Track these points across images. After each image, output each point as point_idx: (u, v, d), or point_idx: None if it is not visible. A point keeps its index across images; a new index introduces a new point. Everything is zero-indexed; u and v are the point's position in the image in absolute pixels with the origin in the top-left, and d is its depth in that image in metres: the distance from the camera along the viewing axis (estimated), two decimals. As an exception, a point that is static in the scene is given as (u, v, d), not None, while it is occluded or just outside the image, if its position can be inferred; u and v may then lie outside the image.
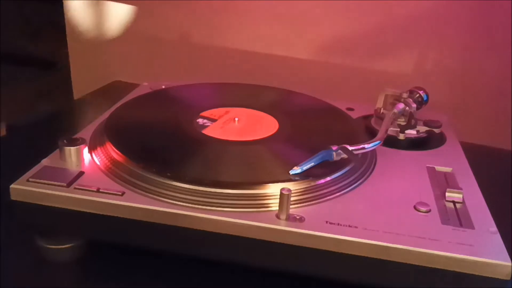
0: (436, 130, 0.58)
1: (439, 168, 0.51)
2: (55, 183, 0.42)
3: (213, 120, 0.55)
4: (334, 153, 0.45)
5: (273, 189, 0.42)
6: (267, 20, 0.85)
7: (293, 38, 0.85)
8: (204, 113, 0.56)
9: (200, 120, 0.54)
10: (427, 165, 0.51)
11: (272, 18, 0.85)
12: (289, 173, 0.44)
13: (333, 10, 0.82)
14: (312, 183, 0.44)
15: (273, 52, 0.87)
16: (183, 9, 0.88)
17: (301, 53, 0.86)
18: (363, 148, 0.47)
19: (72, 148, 0.46)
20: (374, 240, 0.38)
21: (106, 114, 0.56)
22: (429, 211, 0.43)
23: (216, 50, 0.89)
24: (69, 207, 0.42)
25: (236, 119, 0.55)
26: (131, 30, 0.92)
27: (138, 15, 0.91)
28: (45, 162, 0.46)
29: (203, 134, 0.52)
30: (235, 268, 0.43)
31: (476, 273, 0.38)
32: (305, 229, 0.39)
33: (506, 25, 0.76)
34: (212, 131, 0.52)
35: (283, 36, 0.86)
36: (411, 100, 0.57)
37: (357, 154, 0.47)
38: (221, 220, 0.40)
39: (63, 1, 0.93)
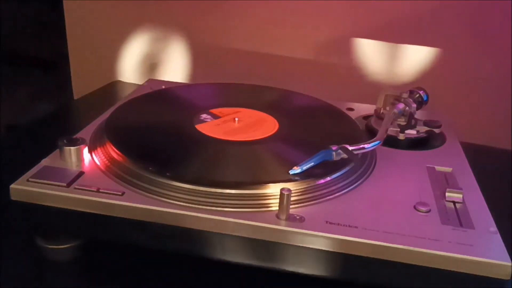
0: (436, 130, 0.58)
1: (439, 168, 0.51)
2: (55, 183, 0.42)
3: (216, 117, 0.55)
4: (334, 153, 0.45)
5: (273, 189, 0.42)
6: (267, 20, 0.85)
7: (293, 38, 0.85)
8: (213, 110, 0.56)
9: (203, 116, 0.54)
10: (427, 165, 0.51)
11: (272, 18, 0.85)
12: (289, 173, 0.44)
13: (333, 10, 0.82)
14: (312, 183, 0.44)
15: (273, 52, 0.87)
16: (183, 9, 0.88)
17: (301, 53, 0.86)
18: (363, 148, 0.47)
19: (72, 148, 0.46)
20: (374, 240, 0.38)
21: (106, 114, 0.56)
22: (429, 211, 0.43)
23: (216, 50, 0.89)
24: (69, 207, 0.42)
25: (236, 119, 0.55)
26: (131, 30, 0.92)
27: (138, 15, 0.91)
28: (45, 162, 0.46)
29: (203, 134, 0.52)
30: (235, 268, 0.43)
31: (476, 273, 0.38)
32: (305, 229, 0.39)
33: (506, 25, 0.76)
34: (212, 131, 0.52)
35: (283, 36, 0.86)
36: (411, 100, 0.57)
37: (357, 154, 0.47)
38: (221, 220, 0.40)
39: (63, 1, 0.93)
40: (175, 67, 0.92)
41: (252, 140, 0.51)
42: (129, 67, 0.94)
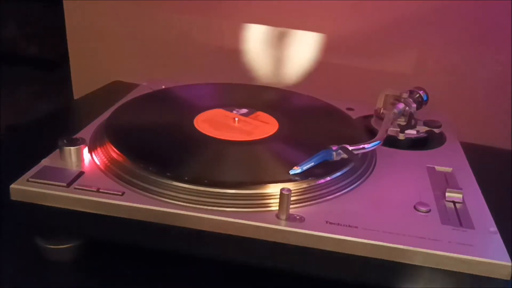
0: (436, 130, 0.58)
1: (439, 168, 0.51)
2: (55, 183, 0.42)
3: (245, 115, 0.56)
4: (334, 153, 0.45)
5: (273, 189, 0.42)
6: (267, 20, 0.85)
7: (293, 38, 0.85)
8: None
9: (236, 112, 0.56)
10: (427, 165, 0.51)
11: (272, 18, 0.85)
12: (289, 173, 0.44)
13: (333, 10, 0.82)
14: (312, 183, 0.44)
15: (273, 52, 0.87)
16: (183, 9, 0.88)
17: (302, 53, 0.86)
18: (363, 148, 0.47)
19: (72, 148, 0.46)
20: (374, 240, 0.38)
21: (106, 114, 0.56)
22: (429, 211, 0.43)
23: (216, 50, 0.89)
24: (69, 207, 0.42)
25: (236, 119, 0.55)
26: (131, 30, 0.92)
27: (138, 15, 0.91)
28: (45, 162, 0.46)
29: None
30: (235, 268, 0.43)
31: (476, 273, 0.38)
32: (305, 229, 0.39)
33: (506, 25, 0.76)
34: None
35: (283, 36, 0.86)
36: (411, 100, 0.57)
37: (357, 154, 0.47)
38: (221, 220, 0.40)
39: (63, 1, 0.93)
40: (175, 67, 0.92)
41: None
42: (129, 67, 0.94)
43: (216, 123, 0.54)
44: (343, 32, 0.83)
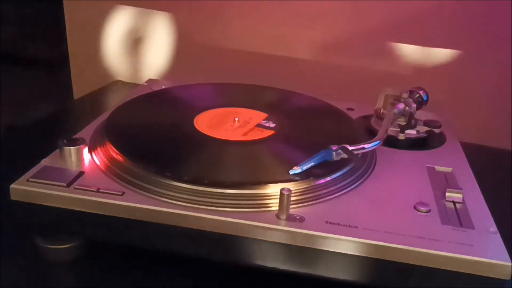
0: (436, 130, 0.58)
1: (439, 168, 0.51)
2: (55, 183, 0.42)
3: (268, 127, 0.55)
4: (334, 153, 0.45)
5: (273, 189, 0.42)
6: (267, 20, 0.85)
7: (293, 38, 0.85)
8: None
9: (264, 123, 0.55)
10: (427, 165, 0.51)
11: (272, 18, 0.85)
12: (289, 173, 0.44)
13: (333, 10, 0.82)
14: (312, 183, 0.44)
15: (273, 52, 0.87)
16: (183, 9, 0.88)
17: (301, 53, 0.86)
18: (363, 148, 0.47)
19: (72, 148, 0.46)
20: (374, 240, 0.38)
21: (106, 114, 0.56)
22: (429, 211, 0.43)
23: (216, 50, 0.89)
24: (69, 207, 0.42)
25: (236, 119, 0.55)
26: (131, 30, 0.92)
27: (138, 15, 0.91)
28: (45, 162, 0.46)
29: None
30: (235, 268, 0.43)
31: (476, 273, 0.38)
32: (305, 229, 0.39)
33: (506, 25, 0.76)
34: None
35: (283, 36, 0.86)
36: (411, 100, 0.57)
37: (357, 154, 0.47)
38: (221, 220, 0.40)
39: (63, 1, 0.93)
40: (175, 67, 0.92)
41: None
42: (129, 67, 0.94)
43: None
44: (343, 32, 0.83)
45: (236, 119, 0.55)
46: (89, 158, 0.47)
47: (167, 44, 0.91)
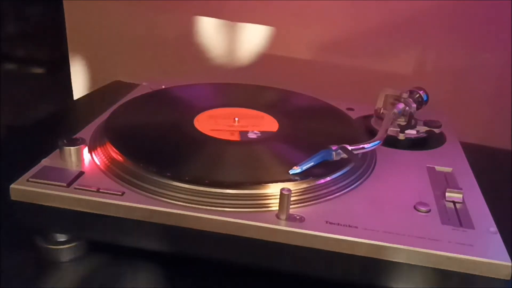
0: (436, 130, 0.58)
1: (439, 168, 0.51)
2: (55, 183, 0.42)
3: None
4: (334, 153, 0.45)
5: (273, 189, 0.42)
6: (267, 20, 0.85)
7: (293, 38, 0.85)
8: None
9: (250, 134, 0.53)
10: (427, 165, 0.51)
11: (272, 18, 0.85)
12: (289, 173, 0.44)
13: (333, 10, 0.82)
14: (312, 183, 0.44)
15: (273, 52, 0.87)
16: (182, 9, 0.88)
17: (301, 53, 0.86)
18: (363, 148, 0.47)
19: (72, 148, 0.46)
20: (374, 240, 0.38)
21: (106, 114, 0.56)
22: (429, 211, 0.43)
23: (216, 50, 0.89)
24: (69, 207, 0.42)
25: (236, 119, 0.55)
26: (131, 30, 0.92)
27: (138, 15, 0.91)
28: (45, 162, 0.46)
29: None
30: (235, 268, 0.43)
31: (476, 273, 0.38)
32: (305, 229, 0.39)
33: (506, 25, 0.76)
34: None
35: (283, 36, 0.86)
36: (411, 100, 0.57)
37: (357, 154, 0.47)
38: (221, 220, 0.40)
39: (63, 1, 0.93)
40: (175, 67, 0.92)
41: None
42: (129, 67, 0.94)
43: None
44: (343, 32, 0.83)
45: (236, 119, 0.55)
46: (89, 158, 0.47)
47: (167, 44, 0.91)
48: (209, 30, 0.89)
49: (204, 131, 0.52)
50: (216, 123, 0.54)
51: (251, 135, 0.52)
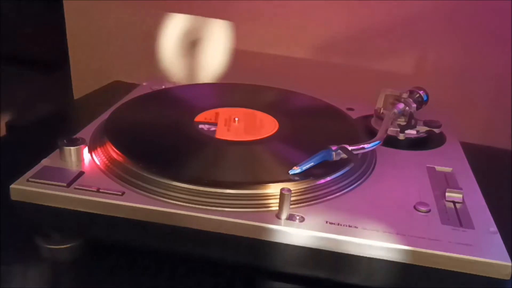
0: (436, 130, 0.58)
1: (439, 168, 0.51)
2: (55, 183, 0.42)
3: (213, 125, 0.54)
4: (333, 153, 0.45)
5: (273, 189, 0.42)
6: (267, 20, 0.85)
7: (293, 38, 0.85)
8: (200, 118, 0.56)
9: (203, 126, 0.54)
10: (427, 165, 0.51)
11: (272, 18, 0.85)
12: (289, 173, 0.44)
13: (333, 10, 0.82)
14: (312, 183, 0.44)
15: (273, 52, 0.87)
16: (183, 9, 0.88)
17: (301, 53, 0.86)
18: (363, 148, 0.47)
19: (72, 148, 0.46)
20: (374, 240, 0.38)
21: (106, 114, 0.56)
22: (429, 211, 0.43)
23: (216, 50, 0.89)
24: (69, 207, 0.42)
25: (236, 119, 0.55)
26: (131, 30, 0.92)
27: (138, 15, 0.91)
28: (45, 162, 0.46)
29: (203, 134, 0.52)
30: (235, 268, 0.43)
31: (476, 273, 0.38)
32: (305, 229, 0.39)
33: (506, 25, 0.76)
34: (212, 131, 0.52)
35: (283, 36, 0.86)
36: (411, 100, 0.57)
37: (357, 154, 0.47)
38: (221, 220, 0.40)
39: (63, 1, 0.93)
40: (175, 67, 0.92)
41: (252, 140, 0.51)
42: (129, 67, 0.94)
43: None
44: (343, 32, 0.83)
45: (236, 119, 0.55)
46: (89, 158, 0.47)
47: (167, 44, 0.91)
48: (209, 30, 0.89)
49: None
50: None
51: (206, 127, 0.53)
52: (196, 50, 0.91)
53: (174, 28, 0.90)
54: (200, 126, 0.53)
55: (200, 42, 0.90)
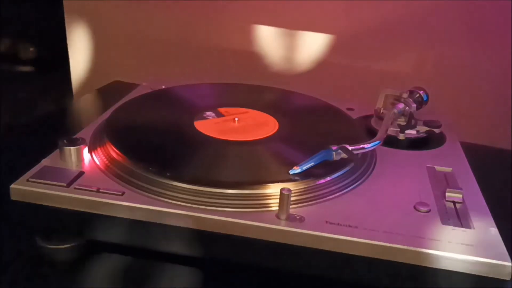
0: (436, 130, 0.58)
1: (439, 168, 0.51)
2: (55, 183, 0.42)
3: (220, 115, 0.55)
4: (334, 153, 0.45)
5: (273, 189, 0.42)
6: (267, 20, 0.85)
7: (293, 38, 0.85)
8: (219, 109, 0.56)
9: (208, 113, 0.54)
10: (427, 165, 0.51)
11: (272, 18, 0.85)
12: (289, 173, 0.44)
13: (333, 10, 0.82)
14: (312, 183, 0.44)
15: (273, 52, 0.87)
16: (183, 9, 0.88)
17: (302, 53, 0.86)
18: (363, 148, 0.47)
19: (72, 148, 0.46)
20: (374, 240, 0.38)
21: (106, 114, 0.56)
22: (429, 211, 0.43)
23: (216, 50, 0.89)
24: (69, 207, 0.42)
25: (236, 119, 0.55)
26: (131, 30, 0.92)
27: (138, 15, 0.91)
28: (45, 162, 0.46)
29: (203, 134, 0.52)
30: (235, 268, 0.43)
31: (476, 273, 0.38)
32: (305, 229, 0.39)
33: (506, 25, 0.76)
34: (212, 130, 0.52)
35: (283, 36, 0.86)
36: (411, 100, 0.57)
37: (357, 154, 0.47)
38: (221, 220, 0.40)
39: (63, 1, 0.93)
40: (175, 67, 0.92)
41: (252, 140, 0.51)
42: (129, 67, 0.94)
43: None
44: (343, 32, 0.83)
45: (236, 119, 0.55)
46: (89, 158, 0.47)
47: (167, 44, 0.91)
48: (209, 30, 0.89)
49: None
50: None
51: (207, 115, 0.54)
52: (196, 50, 0.91)
53: (174, 28, 0.90)
54: (206, 112, 0.53)
55: (200, 42, 0.90)
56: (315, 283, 0.42)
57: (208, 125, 0.54)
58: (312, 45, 0.85)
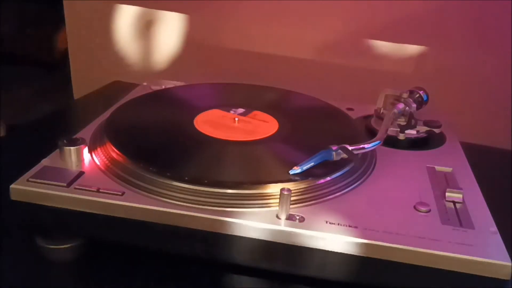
0: (436, 130, 0.58)
1: (439, 168, 0.51)
2: (55, 183, 0.42)
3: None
4: (334, 153, 0.45)
5: (273, 189, 0.42)
6: (267, 20, 0.85)
7: (293, 38, 0.85)
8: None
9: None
10: (427, 165, 0.51)
11: (272, 18, 0.85)
12: (289, 173, 0.44)
13: (333, 10, 0.82)
14: (312, 183, 0.44)
15: (273, 52, 0.87)
16: (183, 9, 0.88)
17: (301, 53, 0.86)
18: (363, 148, 0.47)
19: (72, 148, 0.46)
20: (374, 240, 0.38)
21: (106, 114, 0.56)
22: (429, 211, 0.43)
23: (216, 50, 0.89)
24: (69, 207, 0.42)
25: (236, 119, 0.55)
26: (131, 30, 0.92)
27: (138, 15, 0.91)
28: (45, 162, 0.46)
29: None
30: (235, 268, 0.43)
31: (476, 273, 0.38)
32: (305, 229, 0.39)
33: (506, 25, 0.76)
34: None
35: (283, 36, 0.86)
36: (411, 100, 0.57)
37: (357, 154, 0.47)
38: (221, 220, 0.40)
39: (63, 1, 0.93)
40: (175, 67, 0.92)
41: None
42: (129, 67, 0.94)
43: (216, 123, 0.54)
44: (343, 32, 0.83)
45: (236, 119, 0.55)
46: (89, 158, 0.47)
47: (167, 44, 0.91)
48: (209, 29, 0.89)
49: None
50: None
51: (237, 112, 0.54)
52: (196, 50, 0.91)
53: (174, 28, 0.90)
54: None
55: (200, 42, 0.90)
56: (315, 283, 0.42)
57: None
58: (312, 45, 0.85)
